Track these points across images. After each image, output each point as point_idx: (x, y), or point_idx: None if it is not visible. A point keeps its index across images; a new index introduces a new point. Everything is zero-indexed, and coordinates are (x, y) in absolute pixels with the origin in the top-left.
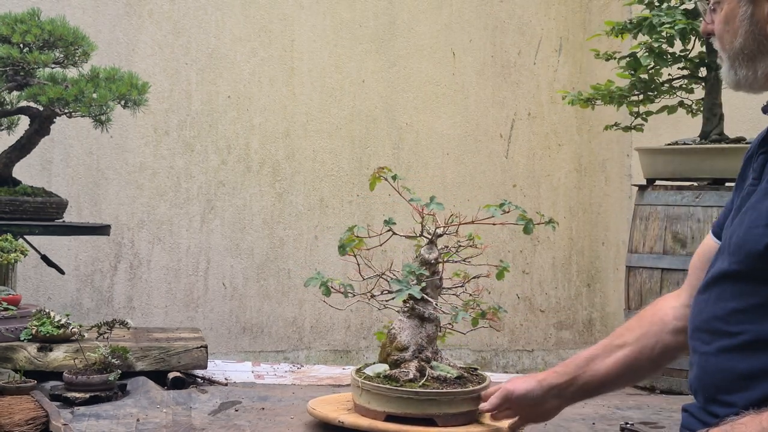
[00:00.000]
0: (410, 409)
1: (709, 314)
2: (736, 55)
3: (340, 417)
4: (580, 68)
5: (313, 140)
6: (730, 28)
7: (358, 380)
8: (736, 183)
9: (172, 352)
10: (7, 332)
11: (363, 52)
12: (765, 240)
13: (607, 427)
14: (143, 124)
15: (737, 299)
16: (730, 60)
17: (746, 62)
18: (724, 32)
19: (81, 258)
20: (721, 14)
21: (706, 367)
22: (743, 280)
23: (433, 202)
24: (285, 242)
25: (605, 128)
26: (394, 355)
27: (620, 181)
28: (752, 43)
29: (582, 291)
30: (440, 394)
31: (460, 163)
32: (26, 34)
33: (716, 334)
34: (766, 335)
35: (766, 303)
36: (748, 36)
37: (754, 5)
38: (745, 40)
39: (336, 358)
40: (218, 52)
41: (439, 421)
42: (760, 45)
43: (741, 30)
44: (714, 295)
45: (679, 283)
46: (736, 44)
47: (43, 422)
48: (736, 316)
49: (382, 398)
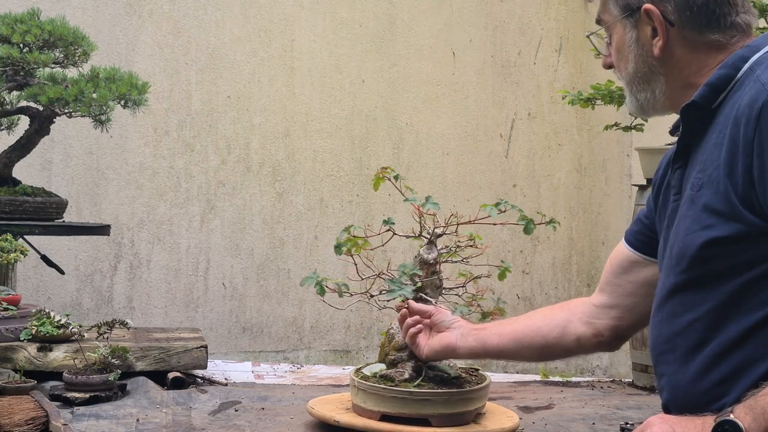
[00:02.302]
0: (405, 409)
1: (667, 333)
2: (632, 80)
3: (336, 416)
4: (580, 68)
5: (313, 140)
6: (623, 55)
7: (354, 380)
8: (652, 194)
9: (172, 352)
10: (7, 332)
11: (363, 52)
12: (700, 240)
13: (607, 427)
14: (143, 124)
15: (692, 309)
16: (629, 86)
17: (642, 85)
18: (619, 61)
19: (81, 258)
20: (614, 44)
21: (679, 386)
22: (693, 288)
23: (429, 202)
24: (285, 242)
25: (605, 128)
26: (391, 355)
27: (620, 181)
28: (643, 66)
29: (582, 291)
30: (434, 394)
31: (460, 163)
32: (26, 34)
33: (679, 350)
34: (728, 338)
35: (720, 305)
36: (638, 59)
37: (637, 30)
38: (636, 64)
39: (336, 358)
40: (218, 52)
41: (433, 422)
42: (650, 67)
43: (630, 55)
44: (667, 313)
45: None
46: (630, 69)
47: (43, 422)
48: (694, 326)
49: (378, 398)
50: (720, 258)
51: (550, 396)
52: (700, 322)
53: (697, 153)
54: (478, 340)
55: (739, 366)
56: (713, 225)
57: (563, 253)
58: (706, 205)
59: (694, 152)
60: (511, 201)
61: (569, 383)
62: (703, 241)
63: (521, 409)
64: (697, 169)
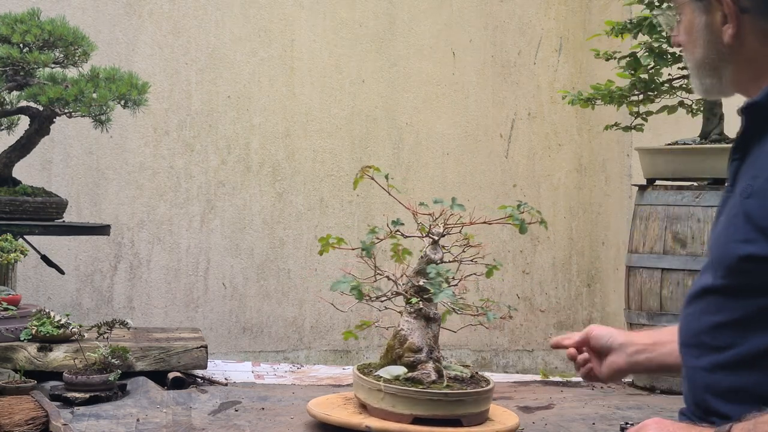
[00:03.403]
0: (438, 410)
1: (695, 328)
2: (700, 64)
3: (365, 422)
4: (580, 68)
5: (313, 140)
6: (692, 38)
7: (379, 384)
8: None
9: (172, 352)
10: (7, 332)
11: (363, 51)
12: (738, 252)
13: (607, 427)
14: (143, 124)
15: (722, 313)
16: (696, 69)
17: (710, 71)
18: (688, 43)
19: (81, 258)
20: (683, 26)
21: (695, 381)
22: (726, 294)
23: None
24: (285, 242)
25: (605, 128)
26: (409, 357)
27: (620, 181)
28: (712, 52)
29: (582, 291)
30: (466, 394)
31: (460, 163)
32: (26, 34)
33: (703, 348)
34: (752, 349)
35: (750, 316)
36: (707, 45)
37: (708, 15)
38: (705, 50)
39: (336, 358)
40: (218, 52)
41: (465, 421)
42: (719, 54)
43: (700, 40)
44: (699, 309)
45: (680, 283)
46: (698, 54)
47: (43, 422)
48: (722, 330)
49: (410, 401)
50: (756, 274)
51: (550, 396)
52: (728, 328)
53: (755, 153)
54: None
55: (753, 382)
56: (754, 240)
57: (563, 253)
58: (751, 217)
59: (752, 150)
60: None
61: (569, 383)
62: (741, 255)
63: (521, 409)
64: (751, 174)
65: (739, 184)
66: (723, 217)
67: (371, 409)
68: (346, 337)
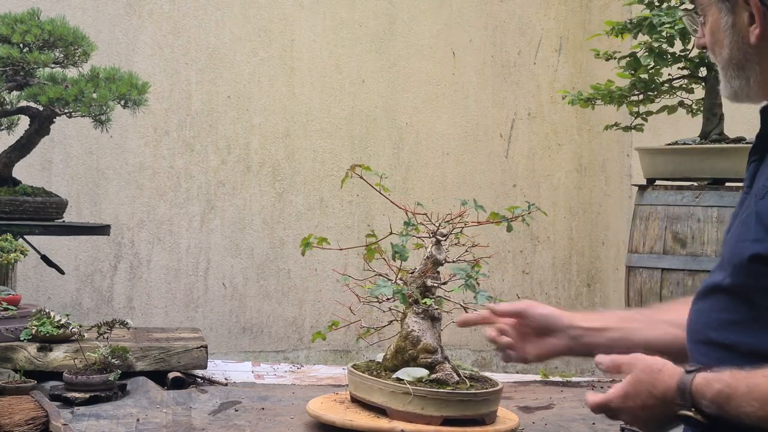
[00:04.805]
0: (468, 410)
1: (704, 324)
2: (726, 66)
3: (398, 426)
4: (580, 68)
5: (313, 140)
6: (717, 39)
7: (406, 387)
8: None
9: (172, 352)
10: (7, 332)
11: (363, 52)
12: (748, 252)
13: (607, 427)
14: (143, 124)
15: (731, 311)
16: (723, 71)
17: (736, 72)
18: (713, 44)
19: (81, 258)
20: (708, 27)
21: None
22: (735, 293)
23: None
24: (285, 242)
25: (605, 128)
26: (426, 358)
27: (620, 181)
28: (738, 53)
29: (582, 291)
30: (491, 393)
31: (460, 163)
32: (26, 34)
33: (711, 344)
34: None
35: (758, 316)
36: (733, 46)
37: (734, 15)
38: (731, 50)
39: (336, 358)
40: (218, 52)
41: (487, 420)
42: (746, 54)
43: (726, 41)
44: (709, 305)
45: (680, 283)
46: (724, 55)
47: (43, 422)
48: (730, 328)
49: (440, 402)
50: (764, 274)
51: (550, 396)
52: (736, 326)
53: None
54: (596, 347)
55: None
56: (763, 240)
57: (563, 253)
58: (762, 218)
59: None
60: (511, 201)
61: (569, 383)
62: (750, 254)
63: (521, 409)
64: (767, 176)
65: (755, 185)
66: (738, 218)
67: (393, 412)
68: (314, 338)
